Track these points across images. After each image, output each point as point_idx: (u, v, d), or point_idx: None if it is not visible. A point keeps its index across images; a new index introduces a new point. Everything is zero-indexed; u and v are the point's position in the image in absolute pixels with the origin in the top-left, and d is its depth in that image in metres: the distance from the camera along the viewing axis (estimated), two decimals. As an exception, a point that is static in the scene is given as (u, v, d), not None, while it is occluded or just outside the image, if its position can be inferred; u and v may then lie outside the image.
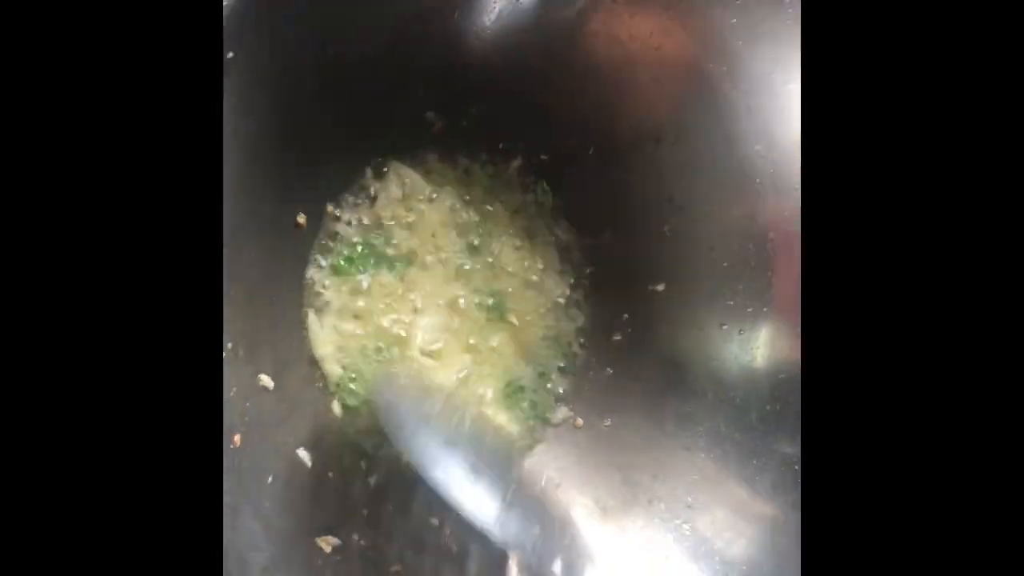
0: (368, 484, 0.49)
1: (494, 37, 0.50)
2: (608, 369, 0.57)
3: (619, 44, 0.52)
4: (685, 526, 0.52)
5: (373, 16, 0.45)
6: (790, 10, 0.48)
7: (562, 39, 0.51)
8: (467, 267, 0.56)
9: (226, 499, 0.36)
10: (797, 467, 0.51)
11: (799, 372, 0.52)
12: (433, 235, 0.55)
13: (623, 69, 0.53)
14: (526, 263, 0.58)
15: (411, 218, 0.55)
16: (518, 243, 0.58)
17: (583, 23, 0.51)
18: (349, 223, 0.53)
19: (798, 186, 0.51)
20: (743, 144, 0.52)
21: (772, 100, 0.51)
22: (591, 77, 0.53)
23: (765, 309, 0.53)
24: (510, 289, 0.57)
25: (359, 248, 0.53)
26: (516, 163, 0.57)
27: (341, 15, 0.44)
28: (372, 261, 0.53)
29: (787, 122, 0.51)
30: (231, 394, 0.41)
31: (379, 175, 0.54)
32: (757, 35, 0.49)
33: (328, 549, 0.44)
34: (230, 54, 0.38)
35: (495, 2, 0.50)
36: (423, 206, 0.55)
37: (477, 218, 0.56)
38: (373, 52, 0.46)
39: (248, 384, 0.43)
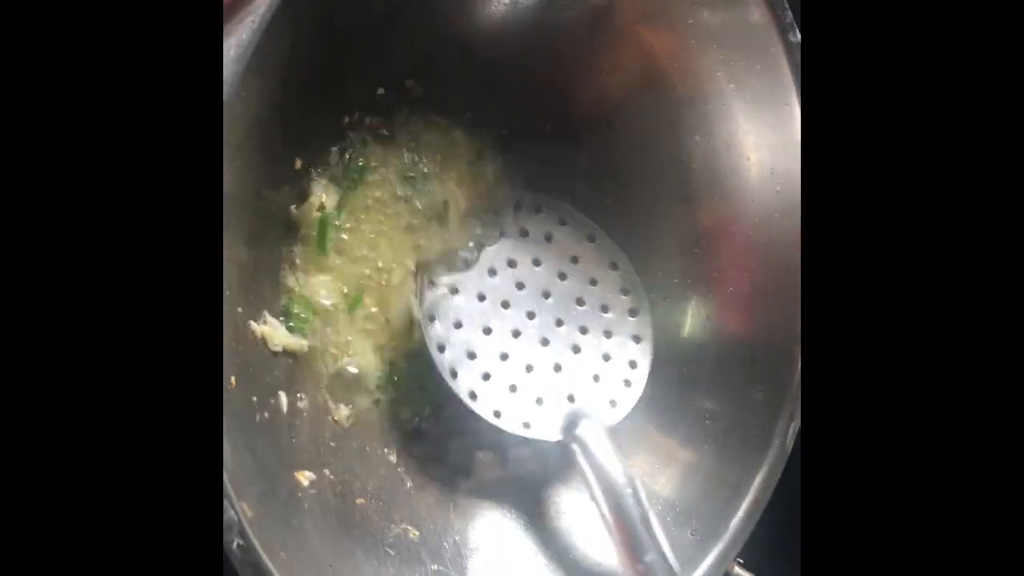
0: (335, 424, 0.53)
1: (477, 18, 0.54)
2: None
3: (584, 32, 0.56)
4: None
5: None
6: (740, 19, 0.53)
7: (535, 23, 0.55)
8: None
9: (227, 434, 0.39)
10: (708, 421, 0.58)
11: (714, 339, 0.60)
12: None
13: (584, 56, 0.57)
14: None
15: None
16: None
17: (553, 10, 0.55)
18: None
19: (728, 173, 0.58)
20: (683, 132, 0.58)
21: (715, 96, 0.57)
22: (556, 61, 0.57)
23: (689, 281, 0.60)
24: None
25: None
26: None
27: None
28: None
29: (725, 116, 0.57)
30: (229, 341, 0.44)
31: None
32: (709, 36, 0.54)
33: (306, 483, 0.48)
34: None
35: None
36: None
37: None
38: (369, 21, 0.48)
39: (242, 331, 0.46)
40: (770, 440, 0.54)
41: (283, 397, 0.49)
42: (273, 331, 0.49)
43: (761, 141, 0.56)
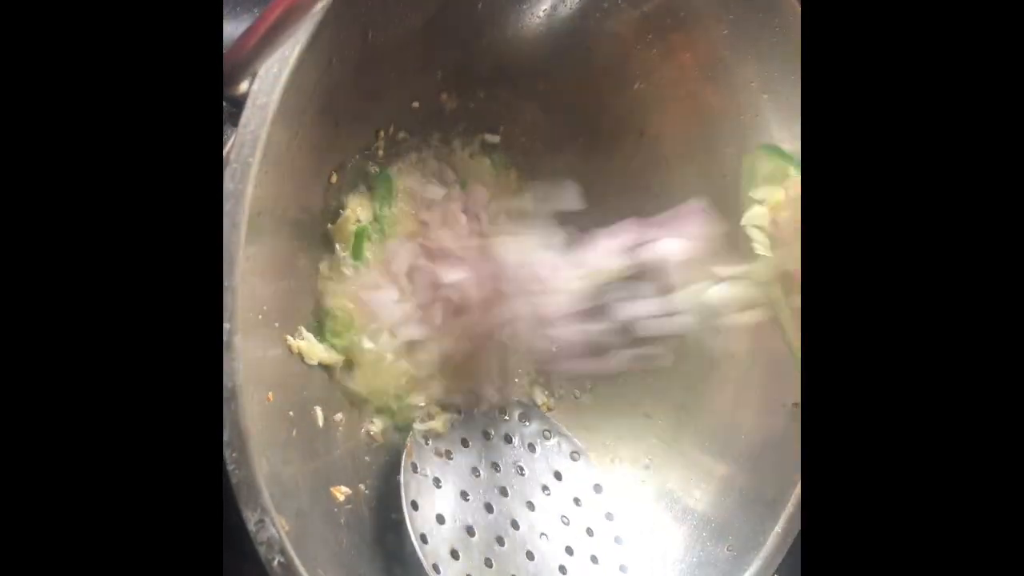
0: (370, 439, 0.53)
1: (511, 32, 0.54)
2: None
3: (619, 43, 0.56)
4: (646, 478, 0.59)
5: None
6: (777, 28, 0.53)
7: (569, 35, 0.55)
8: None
9: (264, 449, 0.39)
10: (743, 434, 0.58)
11: (749, 352, 0.59)
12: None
13: (618, 68, 0.57)
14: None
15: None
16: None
17: (588, 21, 0.55)
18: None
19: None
20: (718, 143, 0.58)
21: (748, 107, 0.56)
22: (590, 73, 0.57)
23: (720, 291, 0.60)
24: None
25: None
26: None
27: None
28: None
29: (758, 127, 0.56)
30: (267, 356, 0.44)
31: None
32: (744, 47, 0.54)
33: (341, 498, 0.48)
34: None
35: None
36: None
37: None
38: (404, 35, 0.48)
39: (279, 346, 0.46)
40: (807, 453, 0.54)
41: (319, 412, 0.49)
42: (309, 345, 0.49)
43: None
